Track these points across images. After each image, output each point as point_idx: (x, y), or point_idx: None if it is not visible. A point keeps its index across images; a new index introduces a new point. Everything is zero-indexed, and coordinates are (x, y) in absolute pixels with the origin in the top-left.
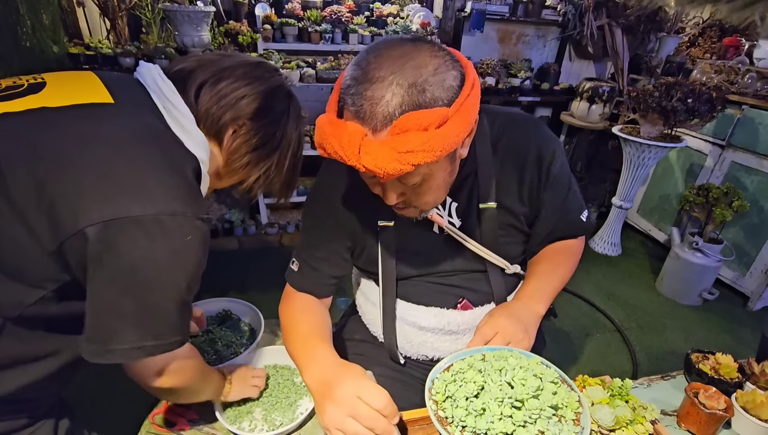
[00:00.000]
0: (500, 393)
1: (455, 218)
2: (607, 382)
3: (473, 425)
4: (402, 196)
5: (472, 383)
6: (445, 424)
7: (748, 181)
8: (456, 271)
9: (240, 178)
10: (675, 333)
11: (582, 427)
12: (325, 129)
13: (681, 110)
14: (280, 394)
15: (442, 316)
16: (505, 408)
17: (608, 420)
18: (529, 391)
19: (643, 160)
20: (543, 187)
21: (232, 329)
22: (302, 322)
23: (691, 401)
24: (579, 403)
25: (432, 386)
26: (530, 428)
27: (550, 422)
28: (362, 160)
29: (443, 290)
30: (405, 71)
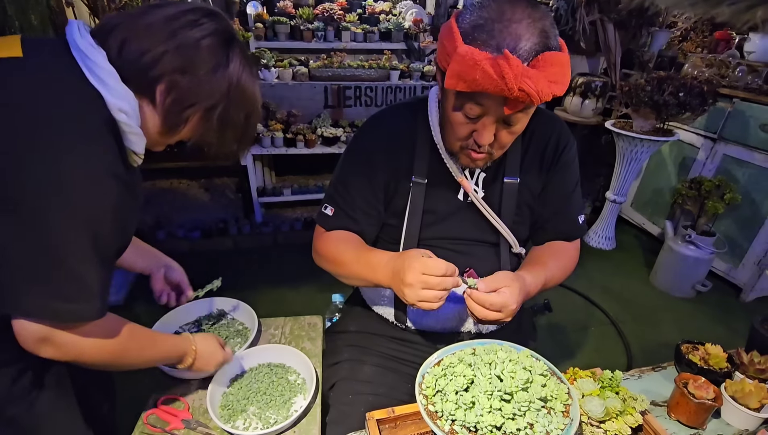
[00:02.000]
0: (489, 386)
1: (480, 188)
2: (597, 374)
3: (462, 419)
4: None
5: (462, 377)
6: (434, 419)
7: (739, 173)
8: (470, 241)
9: (186, 136)
10: (669, 325)
11: (571, 419)
12: (482, 63)
13: (673, 104)
14: (274, 392)
15: None
16: (494, 401)
17: (598, 411)
18: (518, 383)
19: (635, 155)
20: (554, 168)
21: (226, 328)
22: (346, 249)
23: (680, 391)
24: (568, 395)
25: (422, 381)
26: (519, 421)
27: (539, 414)
28: (523, 84)
29: (453, 257)
30: (535, 18)
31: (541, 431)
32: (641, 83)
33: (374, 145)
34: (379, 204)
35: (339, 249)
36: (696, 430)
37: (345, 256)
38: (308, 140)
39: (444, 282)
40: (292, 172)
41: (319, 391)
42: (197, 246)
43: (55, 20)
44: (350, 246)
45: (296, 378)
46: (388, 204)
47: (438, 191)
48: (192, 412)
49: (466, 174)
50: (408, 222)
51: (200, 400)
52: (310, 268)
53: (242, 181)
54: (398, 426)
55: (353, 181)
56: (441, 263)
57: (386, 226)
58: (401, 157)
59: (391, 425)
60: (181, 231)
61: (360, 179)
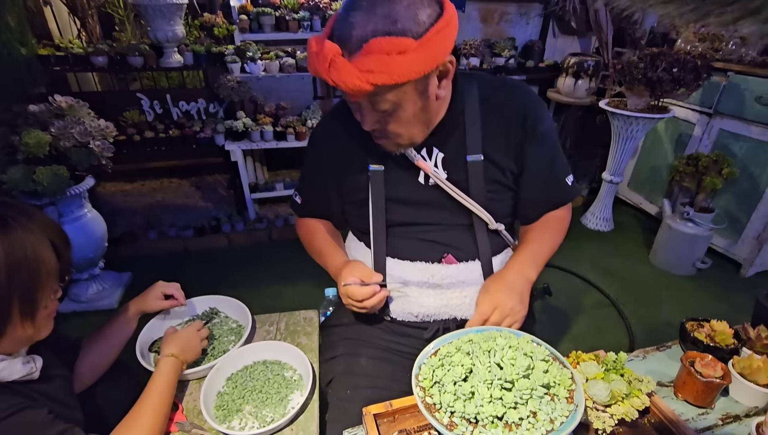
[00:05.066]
0: (489, 375)
1: (441, 169)
2: (601, 357)
3: (462, 410)
4: (377, 123)
5: (460, 366)
6: (432, 411)
7: (736, 147)
8: (442, 224)
9: None
10: (670, 304)
11: (576, 405)
12: (312, 46)
13: (667, 80)
14: (270, 389)
15: (426, 269)
16: (494, 390)
17: (603, 395)
18: (519, 371)
19: (631, 133)
20: (527, 142)
21: (219, 327)
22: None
23: (687, 371)
24: (572, 380)
25: (419, 372)
26: (521, 409)
27: (542, 402)
28: (330, 74)
29: (429, 245)
30: (384, 3)
31: (544, 419)
32: (634, 60)
33: (327, 137)
34: (338, 197)
35: (308, 238)
36: (704, 409)
37: (313, 246)
38: (298, 133)
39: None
40: (285, 166)
41: (316, 387)
42: (190, 245)
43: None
44: (318, 236)
45: (293, 374)
46: (353, 196)
47: (398, 177)
48: (186, 414)
49: (423, 155)
50: (373, 212)
51: (194, 402)
52: (305, 263)
53: (234, 178)
54: (397, 419)
55: (312, 175)
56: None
57: (354, 217)
58: (355, 147)
59: (389, 419)
60: (173, 230)
61: (318, 174)
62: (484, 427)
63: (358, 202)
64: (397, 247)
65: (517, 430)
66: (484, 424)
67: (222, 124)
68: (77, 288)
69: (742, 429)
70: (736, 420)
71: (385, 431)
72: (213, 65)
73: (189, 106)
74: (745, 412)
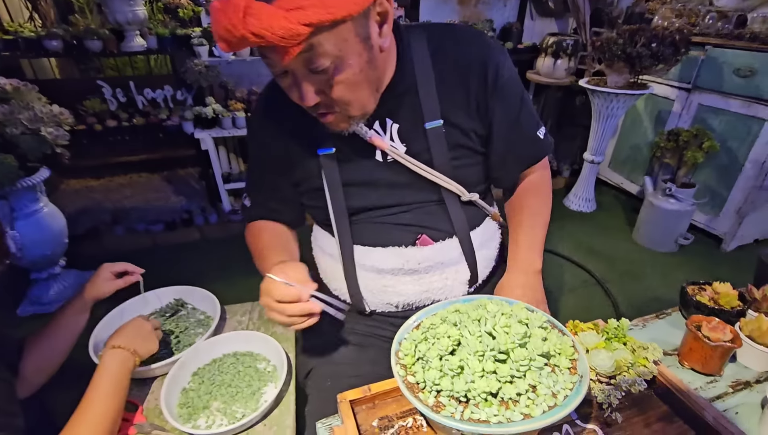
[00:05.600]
0: (480, 346)
1: (398, 142)
2: (600, 326)
3: (450, 388)
4: (321, 94)
5: (446, 338)
6: (416, 391)
7: (715, 122)
8: (410, 204)
9: None
10: (655, 280)
11: (580, 375)
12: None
13: (646, 56)
14: (240, 383)
15: (400, 254)
16: (487, 363)
17: (607, 365)
18: (514, 339)
19: (611, 111)
20: (490, 96)
21: (185, 319)
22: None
23: (693, 335)
24: (574, 348)
25: (399, 349)
26: (519, 383)
27: (542, 373)
28: (248, 24)
29: (399, 228)
30: None
31: (546, 393)
32: (613, 37)
33: (265, 126)
34: (291, 188)
35: (253, 242)
36: (712, 377)
37: (255, 248)
38: None
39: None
40: None
41: (292, 378)
42: (160, 239)
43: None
44: (263, 237)
45: (266, 366)
46: (306, 187)
47: (352, 158)
48: (146, 415)
49: (377, 129)
50: (331, 200)
51: (156, 401)
52: None
53: (205, 169)
54: (377, 406)
55: (258, 172)
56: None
57: (312, 209)
58: (299, 132)
59: (368, 405)
60: (142, 225)
61: (264, 169)
62: (477, 406)
63: (313, 191)
64: (364, 234)
65: (515, 407)
66: (476, 403)
67: (190, 111)
68: (37, 289)
69: (754, 396)
70: (747, 387)
71: (363, 419)
72: (179, 49)
73: (155, 94)
74: (755, 377)
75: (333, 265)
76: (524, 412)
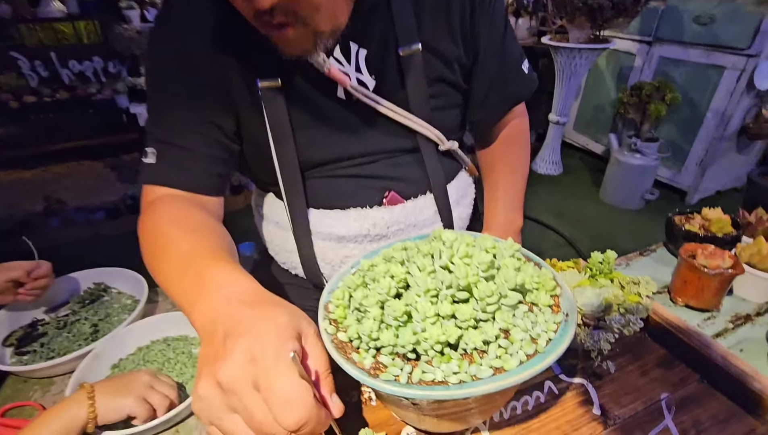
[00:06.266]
0: (433, 283)
1: (366, 74)
2: (582, 264)
3: (392, 342)
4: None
5: (388, 278)
6: (348, 351)
7: (677, 74)
8: (377, 154)
9: None
10: (624, 238)
11: (565, 314)
12: None
13: (607, 7)
14: (170, 371)
15: (364, 217)
16: (442, 305)
17: (594, 305)
18: (477, 271)
19: (574, 69)
20: (478, 14)
21: (109, 305)
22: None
23: (688, 266)
24: (555, 281)
25: (329, 301)
26: (486, 327)
27: (517, 313)
28: None
29: (363, 184)
30: None
31: (522, 338)
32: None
33: (177, 41)
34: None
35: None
36: (709, 313)
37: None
38: None
39: None
40: None
41: None
42: (102, 229)
43: None
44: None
45: None
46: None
47: (304, 94)
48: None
49: (338, 57)
50: (277, 151)
51: None
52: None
53: None
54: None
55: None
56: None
57: (251, 165)
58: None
59: None
60: (81, 215)
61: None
62: (430, 363)
63: (250, 140)
64: (320, 194)
65: (482, 358)
66: (430, 359)
67: (123, 83)
68: None
69: (757, 331)
70: (748, 321)
71: None
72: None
73: (82, 66)
74: (755, 310)
75: (281, 235)
76: (495, 366)
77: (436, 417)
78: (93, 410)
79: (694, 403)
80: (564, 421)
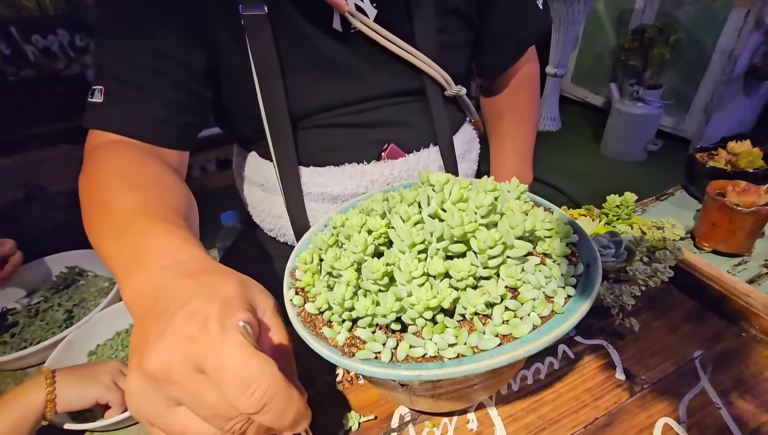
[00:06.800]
0: (420, 235)
1: (367, 3)
2: (595, 212)
3: (370, 312)
4: None
5: (364, 233)
6: (319, 326)
7: (680, 14)
8: (376, 99)
9: None
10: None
11: (586, 264)
12: None
13: None
14: None
15: (362, 174)
16: (433, 262)
17: (616, 252)
18: (475, 218)
19: (572, 16)
20: None
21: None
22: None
23: (717, 205)
24: (570, 226)
25: (296, 266)
26: (489, 286)
27: (527, 267)
28: None
29: (360, 134)
30: None
31: (536, 297)
32: None
33: None
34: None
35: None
36: (740, 257)
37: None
38: None
39: None
40: None
41: None
42: None
43: None
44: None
45: None
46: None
47: (294, 24)
48: None
49: None
50: (263, 94)
51: None
52: None
53: None
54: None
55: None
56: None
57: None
58: None
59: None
60: (63, 199)
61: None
62: (419, 335)
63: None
64: (312, 148)
65: (486, 325)
66: (419, 329)
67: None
68: None
69: None
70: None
71: None
72: None
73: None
74: None
75: (267, 199)
76: (502, 333)
77: (432, 397)
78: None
79: (735, 360)
80: (583, 390)
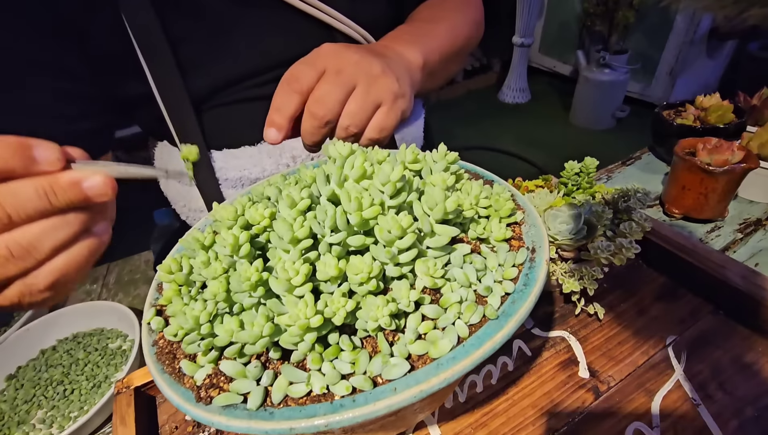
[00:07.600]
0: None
1: None
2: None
3: (235, 338)
4: None
5: (237, 231)
6: (180, 357)
7: None
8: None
9: None
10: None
11: (530, 248)
12: None
13: None
14: (78, 375)
15: (280, 151)
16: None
17: (574, 230)
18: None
19: None
20: None
21: None
22: None
23: (687, 166)
24: (513, 201)
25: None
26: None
27: (453, 259)
28: None
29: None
30: None
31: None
32: None
33: None
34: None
35: None
36: (713, 223)
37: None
38: None
39: None
40: None
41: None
42: None
43: None
44: None
45: (121, 344)
46: (94, 40)
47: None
48: None
49: None
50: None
51: None
52: None
53: None
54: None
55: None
56: None
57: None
58: None
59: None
60: None
61: None
62: (303, 366)
63: (113, 66)
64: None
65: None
66: (302, 359)
67: None
68: None
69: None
70: (759, 227)
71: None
72: None
73: None
74: (765, 213)
75: (185, 192)
76: (417, 353)
77: (361, 429)
78: None
79: (711, 344)
80: (541, 395)
